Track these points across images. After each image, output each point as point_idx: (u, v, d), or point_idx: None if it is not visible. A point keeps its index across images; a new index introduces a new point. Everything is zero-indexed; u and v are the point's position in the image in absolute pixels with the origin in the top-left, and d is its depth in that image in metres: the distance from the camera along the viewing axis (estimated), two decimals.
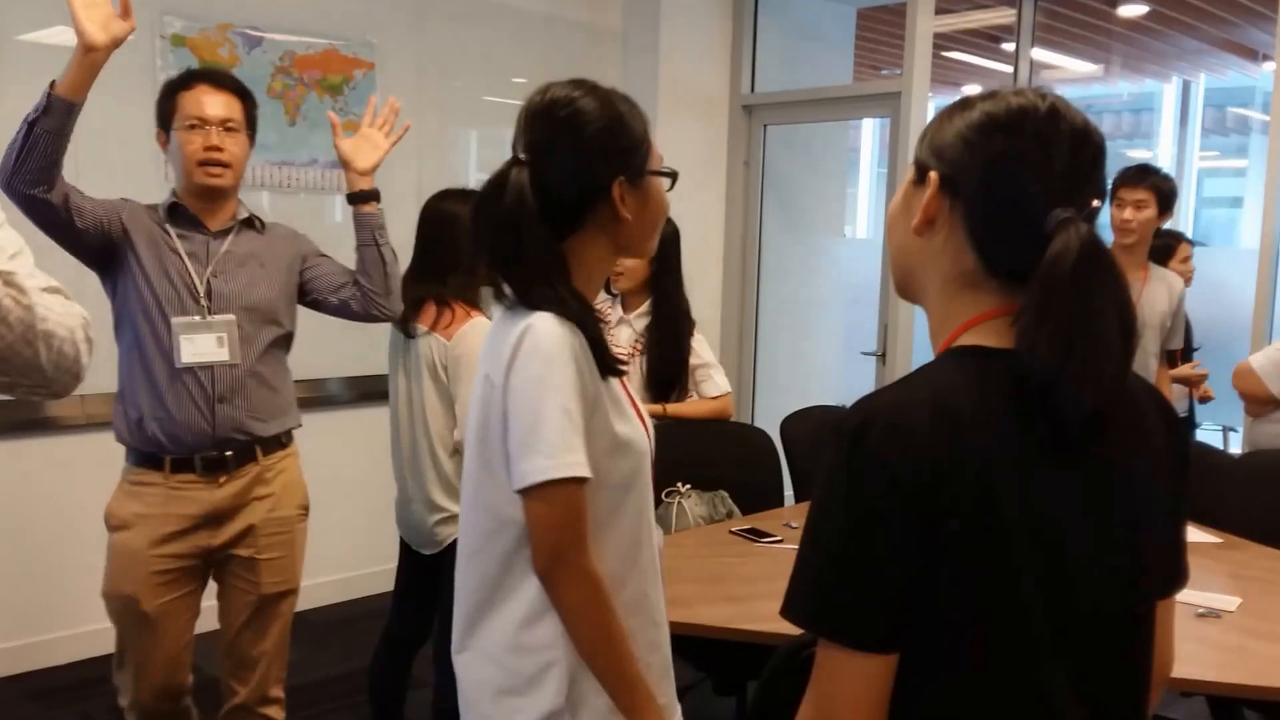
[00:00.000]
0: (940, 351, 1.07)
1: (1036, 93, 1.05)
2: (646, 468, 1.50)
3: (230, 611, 2.42)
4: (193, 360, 2.28)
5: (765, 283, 5.34)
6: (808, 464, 3.45)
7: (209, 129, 2.30)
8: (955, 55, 6.81)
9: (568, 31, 4.76)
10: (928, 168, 1.07)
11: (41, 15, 3.43)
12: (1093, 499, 1.02)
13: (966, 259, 1.05)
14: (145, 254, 2.29)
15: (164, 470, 2.29)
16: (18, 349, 1.29)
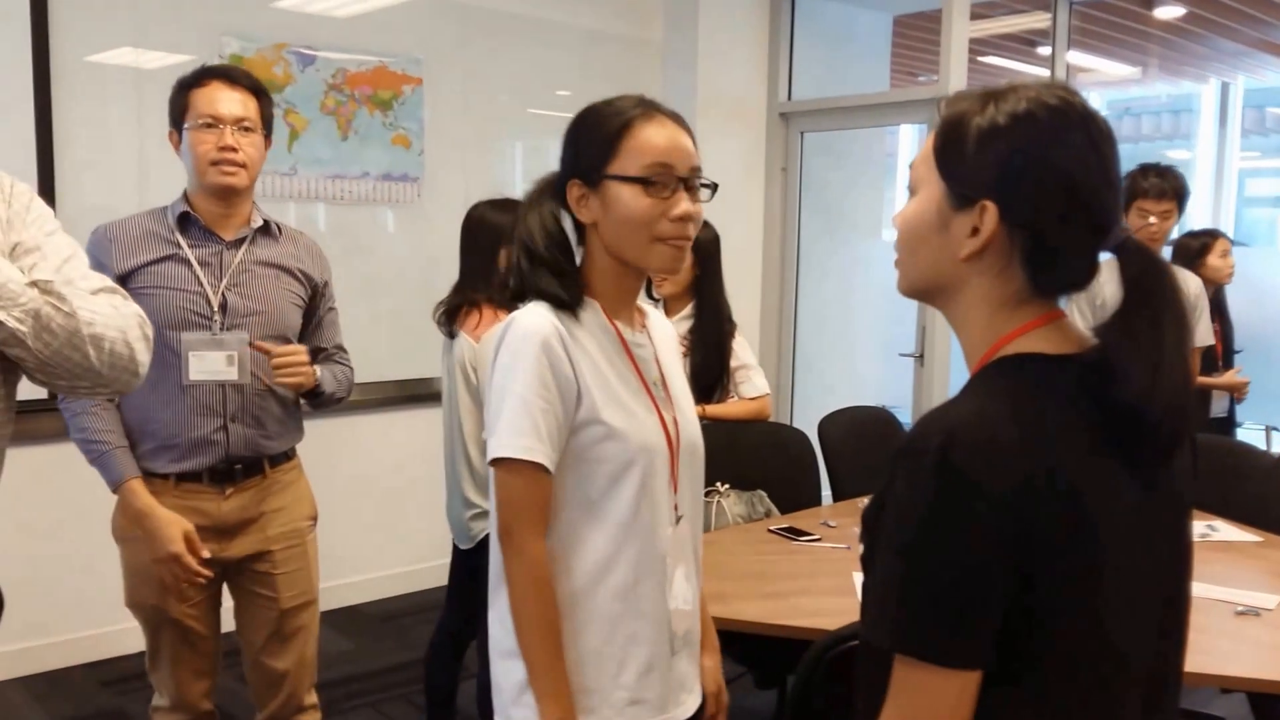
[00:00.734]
0: (988, 360, 1.05)
1: (1065, 97, 1.03)
2: (652, 461, 1.52)
3: (252, 628, 2.36)
4: (200, 378, 2.19)
5: (804, 286, 5.41)
6: (845, 463, 3.52)
7: (223, 128, 2.20)
8: (991, 60, 6.83)
9: (609, 44, 4.87)
10: (975, 196, 1.02)
11: (105, 38, 3.59)
12: (1153, 513, 1.03)
13: (1014, 281, 1.04)
14: (150, 272, 2.19)
15: (170, 480, 2.22)
16: (65, 354, 1.38)
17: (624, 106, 1.51)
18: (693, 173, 1.50)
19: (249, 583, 2.34)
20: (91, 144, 3.57)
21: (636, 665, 1.53)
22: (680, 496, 1.58)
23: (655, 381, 1.58)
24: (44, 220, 1.49)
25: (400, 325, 4.21)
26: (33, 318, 1.33)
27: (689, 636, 1.62)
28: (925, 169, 1.08)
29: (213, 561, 2.22)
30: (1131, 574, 1.00)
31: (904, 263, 1.11)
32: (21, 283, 1.33)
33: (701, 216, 1.52)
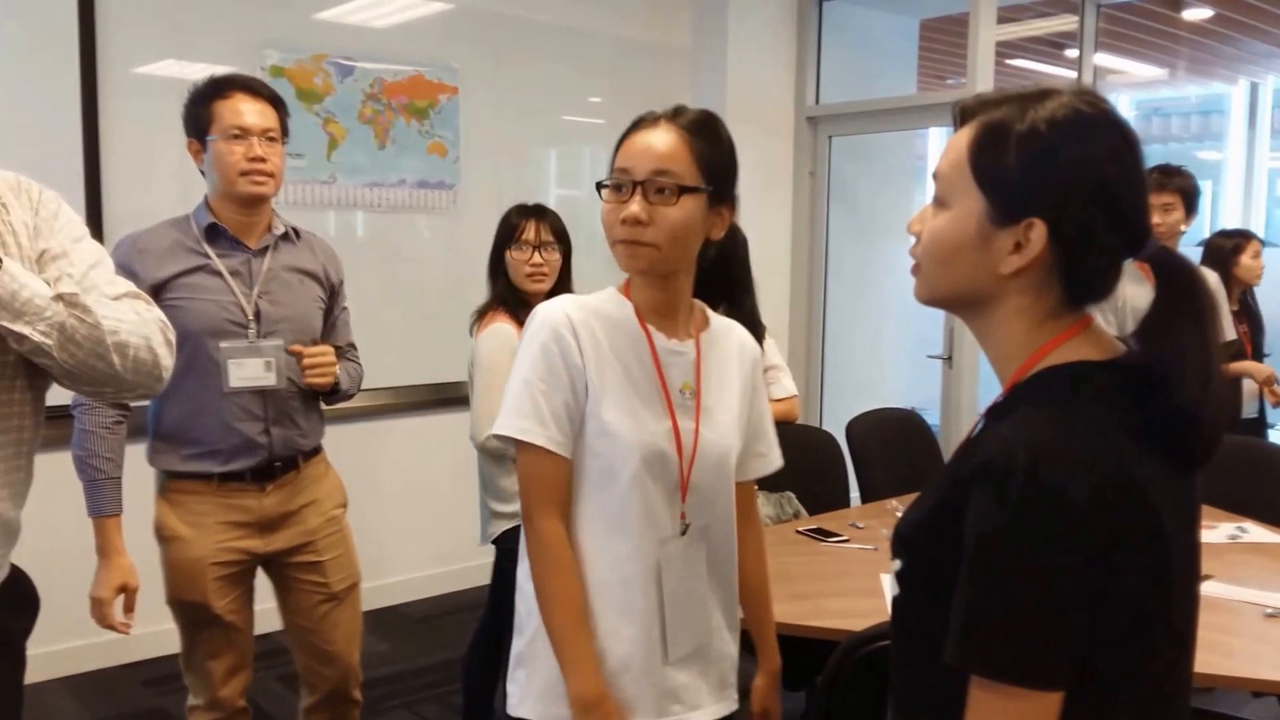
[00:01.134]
0: (1029, 370, 1.05)
1: (1097, 103, 1.02)
2: (650, 466, 1.54)
3: (302, 614, 2.44)
4: (240, 385, 2.25)
5: (832, 289, 5.44)
6: (873, 465, 3.55)
7: (251, 139, 2.25)
8: (1018, 63, 6.83)
9: (640, 52, 4.93)
10: (1021, 213, 1.01)
11: (151, 50, 3.69)
12: (1188, 512, 1.05)
13: (1052, 293, 1.04)
14: (183, 283, 2.24)
15: (212, 481, 2.29)
16: (90, 362, 1.41)
17: (639, 119, 1.57)
18: (652, 175, 1.49)
19: (296, 573, 2.42)
20: (136, 153, 3.67)
21: (612, 661, 1.55)
22: (689, 507, 1.59)
23: (682, 390, 1.59)
24: (71, 227, 1.54)
25: (435, 329, 4.29)
26: (58, 330, 1.37)
27: (703, 653, 1.62)
28: (958, 182, 1.05)
29: (251, 556, 2.33)
30: (1184, 573, 1.02)
31: (932, 274, 1.09)
32: (47, 296, 1.37)
33: (650, 218, 1.49)
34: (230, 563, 2.32)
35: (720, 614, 1.67)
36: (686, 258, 1.56)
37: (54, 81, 3.47)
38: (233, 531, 2.31)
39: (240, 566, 2.34)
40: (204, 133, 2.27)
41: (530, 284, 2.71)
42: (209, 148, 2.26)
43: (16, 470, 1.49)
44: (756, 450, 1.73)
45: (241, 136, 2.24)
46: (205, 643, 2.34)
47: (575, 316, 1.54)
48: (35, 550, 1.88)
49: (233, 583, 2.33)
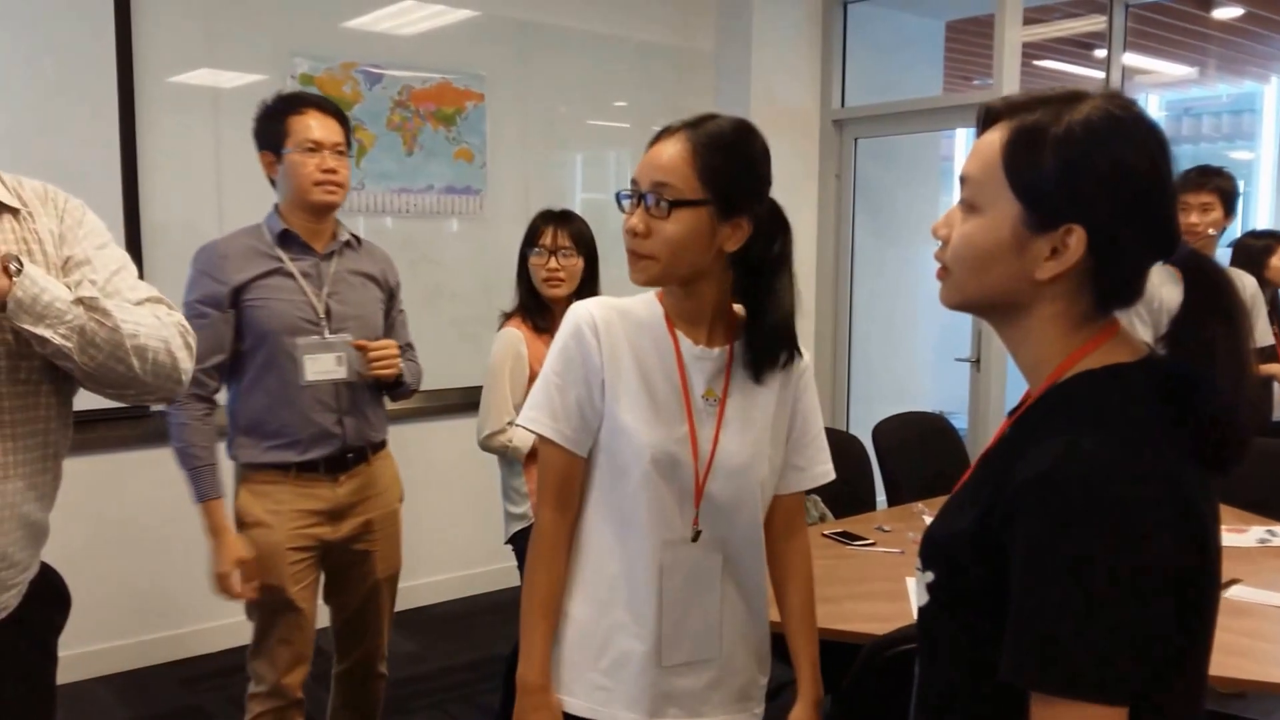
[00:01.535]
0: (1063, 376, 1.05)
1: (1129, 107, 1.02)
2: (661, 469, 1.54)
3: (347, 593, 2.61)
4: (315, 378, 2.42)
5: (858, 291, 5.43)
6: (900, 469, 3.55)
7: (323, 152, 2.41)
8: (1046, 64, 6.79)
9: (664, 56, 4.95)
10: (1060, 218, 1.00)
11: (184, 60, 3.75)
12: (1216, 523, 1.04)
13: (1085, 299, 1.04)
14: (261, 285, 2.40)
15: (290, 472, 2.44)
16: (110, 365, 1.45)
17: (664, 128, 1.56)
18: (651, 187, 1.49)
19: (349, 558, 2.57)
20: (172, 160, 3.73)
21: (613, 655, 1.59)
22: (704, 515, 1.58)
23: (705, 396, 1.58)
24: (95, 234, 1.57)
25: (463, 333, 4.33)
26: (78, 333, 1.40)
27: (711, 663, 1.62)
28: (990, 187, 1.04)
29: (321, 543, 2.49)
30: (1216, 575, 1.02)
31: (963, 280, 1.08)
32: (67, 300, 1.40)
33: (649, 230, 1.49)
34: (304, 549, 2.46)
35: (739, 628, 1.66)
36: (693, 269, 1.53)
37: (93, 92, 3.54)
38: (307, 519, 2.46)
39: (313, 553, 2.49)
40: (278, 146, 2.43)
41: (547, 289, 2.76)
42: (283, 160, 2.43)
43: (44, 473, 1.52)
44: (794, 463, 1.68)
45: (314, 150, 2.41)
46: (278, 628, 2.47)
47: (600, 316, 1.57)
48: (75, 552, 1.93)
49: (306, 569, 2.48)
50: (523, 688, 1.58)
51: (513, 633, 2.99)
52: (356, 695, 2.71)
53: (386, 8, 4.18)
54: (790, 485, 1.70)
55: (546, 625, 1.59)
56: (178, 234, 3.70)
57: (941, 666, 1.10)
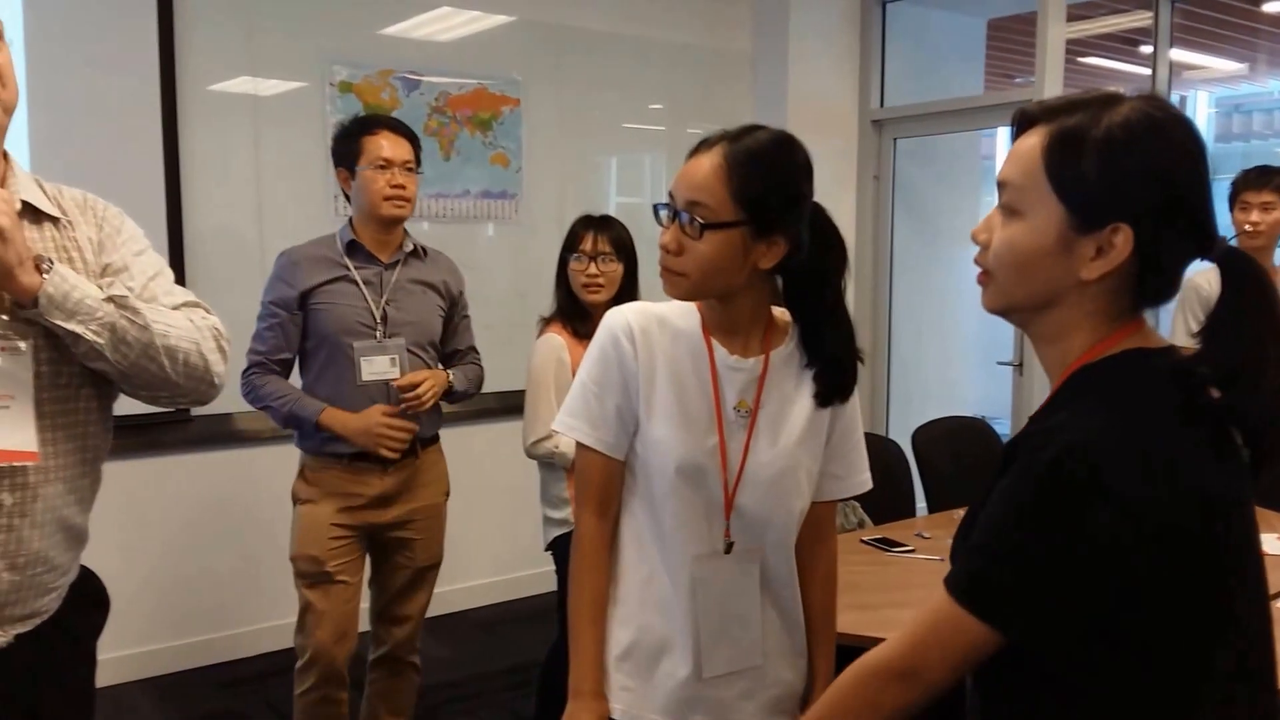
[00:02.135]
0: (1082, 365, 1.07)
1: (1166, 108, 1.04)
2: (688, 479, 1.54)
3: (388, 580, 2.79)
4: (370, 378, 2.63)
5: (898, 293, 5.38)
6: (941, 474, 3.50)
7: (393, 169, 2.62)
8: (1091, 60, 6.69)
9: (700, 58, 4.93)
10: (1106, 218, 1.02)
11: (225, 69, 3.79)
12: (1250, 510, 1.06)
13: (1125, 296, 1.06)
14: (326, 291, 2.63)
15: (344, 460, 2.65)
16: (142, 364, 1.46)
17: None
18: (685, 206, 1.48)
19: (392, 545, 2.76)
20: (213, 167, 3.77)
21: (643, 657, 1.60)
22: (735, 526, 1.57)
23: (737, 407, 1.57)
24: (133, 241, 1.59)
25: (499, 338, 4.31)
26: (109, 331, 1.41)
27: (749, 674, 1.61)
28: (1032, 191, 1.05)
29: (367, 525, 2.69)
30: (1255, 573, 1.03)
31: (1008, 283, 1.09)
32: (98, 298, 1.41)
33: (681, 248, 1.49)
34: (347, 526, 2.66)
35: (777, 639, 1.65)
36: (726, 287, 1.52)
37: (136, 100, 3.58)
38: (354, 502, 2.67)
39: (355, 533, 2.68)
40: (353, 163, 2.65)
41: (587, 294, 2.75)
42: (357, 176, 2.65)
43: (83, 477, 1.53)
44: (832, 471, 1.66)
45: (385, 167, 2.62)
46: (318, 600, 2.64)
47: (636, 324, 1.57)
48: (114, 555, 1.95)
49: (348, 547, 2.67)
50: (574, 692, 1.59)
51: (548, 639, 3.01)
52: (391, 687, 2.84)
53: (423, 14, 4.20)
54: (827, 493, 1.68)
55: (595, 631, 1.60)
56: (218, 240, 3.74)
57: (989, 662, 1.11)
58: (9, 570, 1.43)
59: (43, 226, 1.49)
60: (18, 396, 1.41)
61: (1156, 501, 0.95)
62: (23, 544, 1.44)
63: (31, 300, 1.37)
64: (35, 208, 1.48)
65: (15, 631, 1.46)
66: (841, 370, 1.60)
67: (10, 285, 1.36)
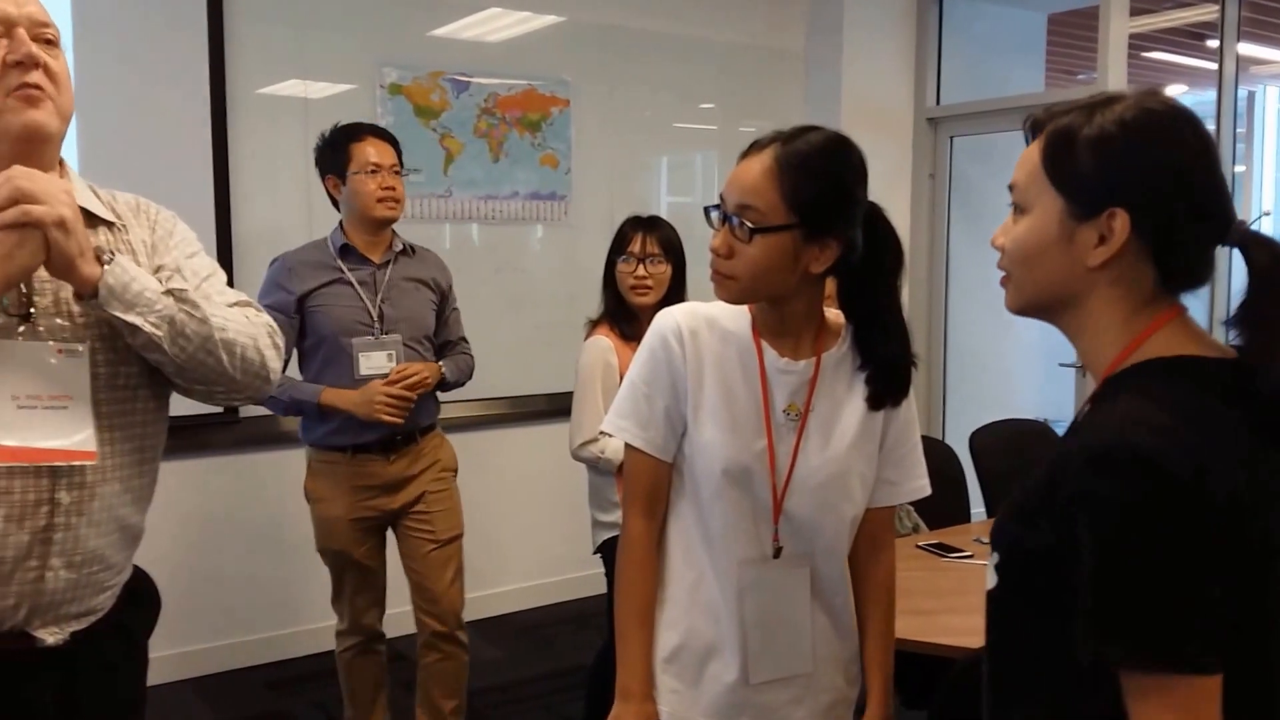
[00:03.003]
0: (1124, 363, 1.07)
1: (1167, 102, 1.05)
2: (735, 482, 1.53)
3: (415, 558, 2.91)
4: (368, 373, 2.76)
5: (954, 294, 5.29)
6: (1000, 478, 3.41)
7: (383, 172, 2.77)
8: (1155, 55, 6.53)
9: (751, 56, 4.88)
10: (1100, 205, 1.05)
11: (275, 71, 3.82)
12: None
13: (1146, 279, 1.06)
14: (323, 293, 2.76)
15: (347, 452, 2.80)
16: (200, 358, 1.46)
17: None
18: (735, 209, 1.46)
19: (411, 524, 2.89)
20: (262, 170, 3.80)
21: (690, 659, 1.59)
22: (784, 531, 1.56)
23: (787, 410, 1.55)
24: (186, 244, 1.60)
25: (548, 340, 4.32)
26: (168, 323, 1.42)
27: (799, 680, 1.59)
28: (1034, 186, 1.10)
29: (380, 512, 2.84)
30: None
31: (1020, 279, 1.13)
32: (158, 291, 1.42)
33: (731, 251, 1.47)
34: (364, 518, 2.83)
35: (828, 645, 1.62)
36: (777, 290, 1.50)
37: (186, 104, 3.62)
38: (365, 493, 2.81)
39: (372, 521, 2.85)
40: (343, 170, 2.78)
41: (634, 296, 2.72)
42: (348, 181, 2.78)
43: (140, 476, 1.54)
44: (887, 477, 1.63)
45: (375, 171, 2.76)
46: (349, 582, 2.88)
47: (686, 325, 1.56)
48: (164, 555, 1.95)
49: (367, 534, 2.85)
50: (622, 694, 1.58)
51: (596, 642, 2.98)
52: (441, 669, 2.95)
53: (473, 15, 4.20)
54: (882, 500, 1.65)
55: (644, 633, 1.59)
56: (267, 242, 3.75)
57: (1007, 646, 1.13)
58: (66, 569, 1.44)
59: (97, 231, 1.50)
60: (76, 397, 1.42)
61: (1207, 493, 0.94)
62: (80, 542, 1.45)
63: (91, 291, 1.39)
64: (90, 212, 1.49)
65: (71, 629, 1.47)
66: (895, 372, 1.57)
67: (71, 276, 1.38)
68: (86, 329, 1.45)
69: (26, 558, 1.41)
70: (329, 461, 2.82)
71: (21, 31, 1.39)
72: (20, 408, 1.38)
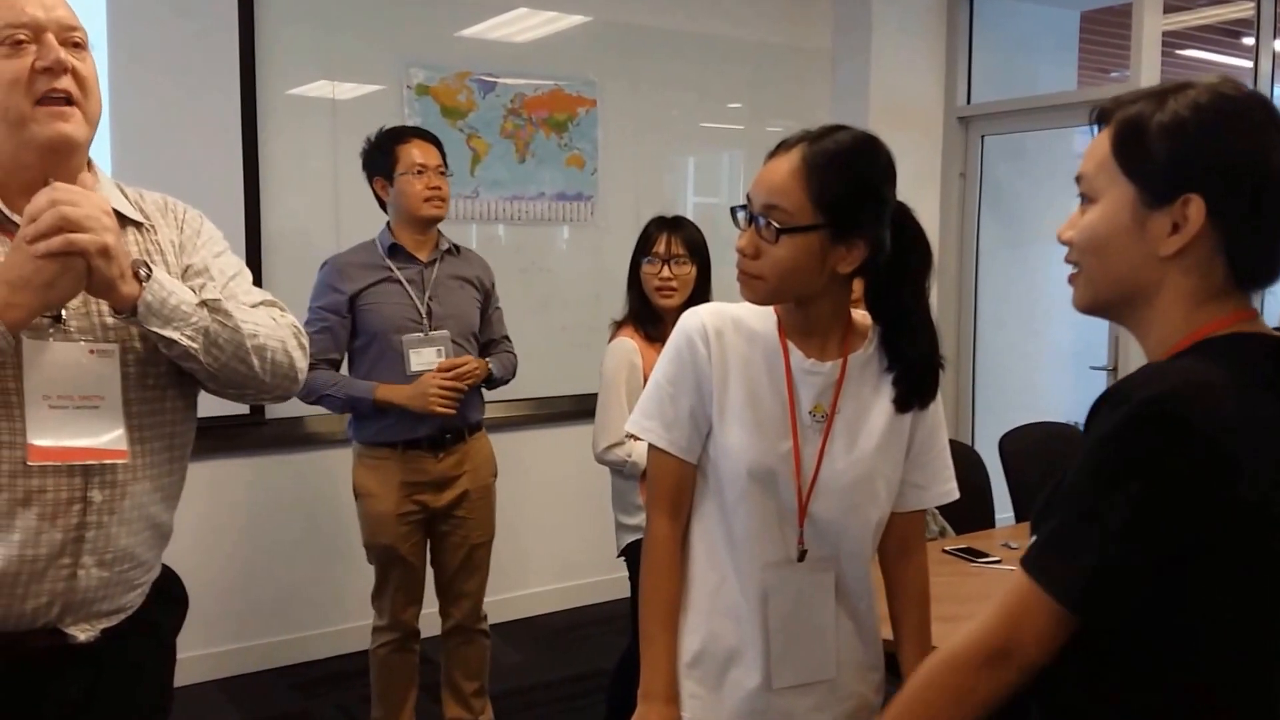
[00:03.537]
0: (1181, 348, 1.05)
1: (1240, 87, 1.04)
2: (760, 484, 1.52)
3: (446, 558, 2.99)
4: (418, 368, 2.82)
5: (984, 295, 5.24)
6: (1029, 482, 3.37)
7: (429, 173, 2.85)
8: (1190, 53, 6.44)
9: (779, 55, 4.85)
10: (1174, 192, 1.03)
11: (304, 73, 3.84)
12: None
13: (1218, 272, 1.04)
14: (373, 291, 2.83)
15: (398, 448, 2.86)
16: (233, 366, 1.48)
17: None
18: (762, 209, 1.46)
19: (447, 525, 2.97)
20: (291, 170, 3.82)
21: (712, 665, 1.57)
22: (809, 534, 1.54)
23: (813, 412, 1.54)
24: (213, 243, 1.62)
25: (574, 341, 4.31)
26: (203, 335, 1.44)
27: (821, 686, 1.57)
28: (1103, 176, 1.08)
29: (426, 509, 2.90)
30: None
31: (1093, 272, 1.10)
32: (193, 303, 1.44)
33: (758, 252, 1.46)
34: (410, 513, 2.89)
35: (852, 651, 1.60)
36: (804, 290, 1.49)
37: (217, 105, 3.64)
38: (412, 489, 2.88)
39: (418, 517, 2.91)
40: (390, 171, 2.86)
41: (659, 298, 2.71)
42: (395, 182, 2.85)
43: (170, 474, 1.56)
44: (914, 480, 1.61)
45: (422, 171, 2.84)
46: (393, 577, 2.93)
47: (711, 325, 1.55)
48: (192, 555, 1.96)
49: (413, 530, 2.91)
50: (644, 697, 1.58)
51: (619, 646, 2.97)
52: (464, 654, 3.05)
53: (500, 16, 4.20)
54: (909, 504, 1.63)
55: (667, 635, 1.58)
56: (296, 242, 3.78)
57: None
58: (98, 566, 1.46)
59: (126, 231, 1.52)
60: (108, 397, 1.44)
61: (1239, 449, 0.95)
62: (111, 541, 1.46)
63: (130, 309, 1.40)
64: (120, 213, 1.50)
65: (101, 626, 1.49)
66: (922, 374, 1.55)
67: (110, 296, 1.39)
68: (116, 329, 1.46)
69: (59, 556, 1.42)
70: (379, 457, 2.88)
71: (50, 37, 1.40)
72: (53, 407, 1.40)
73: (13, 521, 1.39)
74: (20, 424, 1.38)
